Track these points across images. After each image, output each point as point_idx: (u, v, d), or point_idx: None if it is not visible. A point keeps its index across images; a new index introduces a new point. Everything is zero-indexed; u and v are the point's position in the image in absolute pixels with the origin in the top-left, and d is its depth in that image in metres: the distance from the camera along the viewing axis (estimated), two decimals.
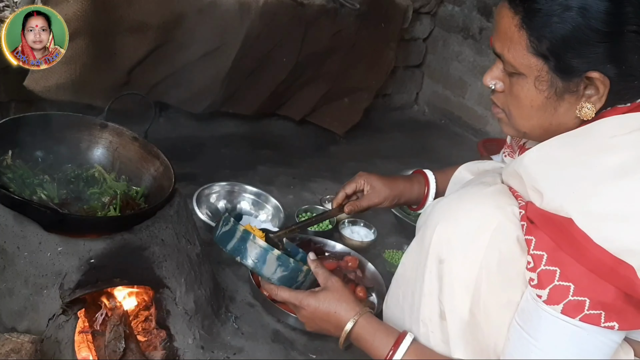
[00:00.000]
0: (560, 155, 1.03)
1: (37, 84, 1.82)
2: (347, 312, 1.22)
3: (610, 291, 0.94)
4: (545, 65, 1.01)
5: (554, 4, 0.97)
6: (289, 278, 1.30)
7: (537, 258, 1.00)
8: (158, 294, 1.39)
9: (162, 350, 1.38)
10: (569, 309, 0.96)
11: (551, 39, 0.98)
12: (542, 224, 1.00)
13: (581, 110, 1.02)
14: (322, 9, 2.29)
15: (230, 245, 1.31)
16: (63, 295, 1.24)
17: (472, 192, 1.14)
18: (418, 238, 1.19)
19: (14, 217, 1.24)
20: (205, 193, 1.98)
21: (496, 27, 1.06)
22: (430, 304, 1.14)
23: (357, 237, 1.98)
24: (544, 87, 1.03)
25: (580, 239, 0.94)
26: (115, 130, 1.56)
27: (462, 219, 1.10)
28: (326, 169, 2.43)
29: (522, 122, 1.10)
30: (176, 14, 1.96)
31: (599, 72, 0.98)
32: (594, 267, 0.94)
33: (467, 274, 1.07)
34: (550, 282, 0.97)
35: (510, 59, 1.04)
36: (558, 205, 0.97)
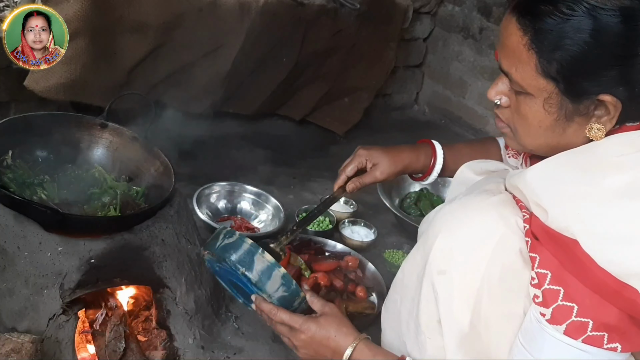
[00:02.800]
0: (565, 173, 1.00)
1: (37, 84, 1.82)
2: (346, 336, 1.20)
3: (613, 313, 0.93)
4: (555, 88, 0.98)
5: (566, 26, 0.93)
6: (287, 300, 1.28)
7: (542, 276, 0.98)
8: (158, 294, 1.39)
9: (163, 350, 1.38)
10: (571, 329, 0.95)
11: (562, 61, 0.95)
12: (547, 242, 0.98)
13: (590, 131, 0.99)
14: (322, 8, 2.29)
15: (235, 256, 1.28)
16: (63, 295, 1.24)
17: (475, 202, 1.11)
18: (419, 245, 1.17)
19: (14, 217, 1.25)
20: (206, 193, 1.98)
21: (503, 42, 1.02)
22: (428, 311, 1.12)
23: (357, 237, 1.98)
24: (553, 109, 1.00)
25: (585, 261, 0.92)
26: (116, 130, 1.56)
27: (464, 230, 1.07)
28: (326, 169, 2.42)
29: (528, 140, 1.08)
30: (176, 14, 1.96)
31: (611, 95, 0.95)
32: (598, 288, 0.92)
33: (468, 286, 1.05)
34: (554, 301, 0.96)
35: (518, 79, 1.00)
36: (563, 226, 0.95)
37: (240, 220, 1.95)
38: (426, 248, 1.12)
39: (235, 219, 1.95)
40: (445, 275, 1.08)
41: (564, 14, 0.92)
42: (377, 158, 1.49)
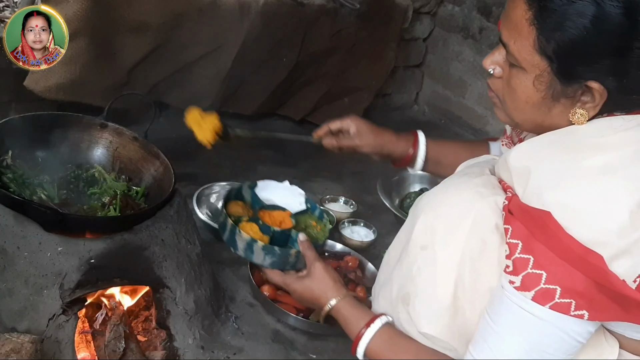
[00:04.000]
0: (549, 152, 1.03)
1: (37, 84, 1.82)
2: (326, 297, 1.31)
3: (581, 279, 0.95)
4: (548, 67, 1.00)
5: (570, 8, 0.95)
6: (280, 262, 1.41)
7: (513, 246, 1.01)
8: (158, 294, 1.39)
9: (162, 350, 1.38)
10: (539, 296, 0.98)
11: (560, 42, 0.97)
12: (519, 214, 1.01)
13: (574, 116, 1.03)
14: (322, 8, 2.29)
15: (224, 236, 1.45)
16: (63, 295, 1.24)
17: (456, 183, 1.16)
18: (404, 227, 1.22)
19: (14, 217, 1.24)
20: (206, 193, 1.98)
21: (507, 13, 1.04)
22: (406, 285, 1.16)
23: (357, 237, 1.98)
24: (542, 87, 1.03)
25: (554, 228, 0.95)
26: (116, 130, 1.56)
27: (443, 208, 1.12)
28: (326, 169, 2.43)
29: (515, 113, 1.11)
30: (176, 14, 1.96)
31: (599, 84, 0.98)
32: (565, 255, 0.95)
33: (449, 260, 1.09)
34: (524, 269, 0.99)
35: (515, 52, 1.03)
36: (536, 197, 0.99)
37: None
38: (409, 228, 1.17)
39: None
40: (427, 250, 1.12)
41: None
42: (361, 126, 1.59)
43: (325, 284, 1.33)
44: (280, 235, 1.47)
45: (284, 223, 1.53)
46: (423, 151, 1.58)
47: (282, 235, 1.47)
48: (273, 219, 1.53)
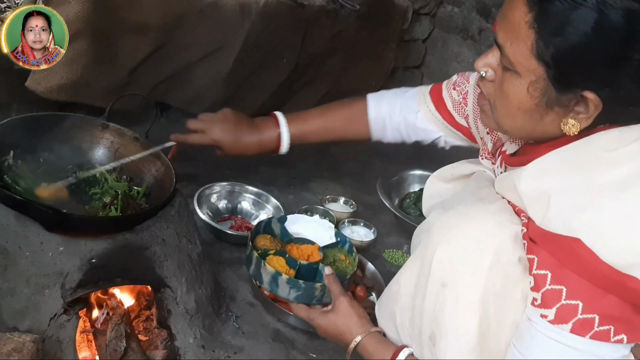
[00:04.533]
0: (562, 172, 0.99)
1: (38, 85, 1.83)
2: (351, 334, 1.28)
3: (617, 304, 0.93)
4: (545, 73, 0.96)
5: (572, 13, 0.91)
6: (306, 296, 1.40)
7: (541, 277, 0.97)
8: (159, 294, 1.40)
9: (163, 350, 1.38)
10: (578, 327, 0.94)
11: (559, 47, 0.93)
12: (544, 243, 0.97)
13: (565, 126, 0.99)
14: (322, 10, 2.30)
15: (250, 270, 1.45)
16: (64, 295, 1.24)
17: (472, 211, 1.10)
18: (416, 258, 1.17)
19: (15, 217, 1.25)
20: (206, 193, 1.98)
21: (505, 13, 1.00)
22: (429, 324, 1.12)
23: (357, 237, 1.98)
24: (536, 93, 0.99)
25: (587, 257, 0.92)
26: (117, 130, 1.56)
27: (462, 241, 1.07)
28: (326, 169, 2.43)
29: (505, 120, 1.07)
30: (177, 15, 1.97)
31: (595, 94, 0.94)
32: (601, 282, 0.92)
33: (472, 297, 1.05)
34: (557, 301, 0.95)
35: (510, 55, 0.99)
36: (561, 224, 0.95)
37: (240, 220, 1.96)
38: (425, 261, 1.12)
39: (235, 219, 1.96)
40: (448, 288, 1.07)
41: (574, 1, 0.90)
42: (222, 143, 1.62)
43: (350, 319, 1.29)
44: (307, 269, 1.45)
45: (312, 256, 1.51)
46: (286, 136, 1.61)
47: (309, 268, 1.45)
48: (301, 252, 1.52)
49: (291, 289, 1.37)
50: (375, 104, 1.61)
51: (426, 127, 1.56)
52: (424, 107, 1.54)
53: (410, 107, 1.56)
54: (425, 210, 1.49)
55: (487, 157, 1.33)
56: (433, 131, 1.56)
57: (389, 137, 1.64)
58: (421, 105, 1.55)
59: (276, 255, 1.47)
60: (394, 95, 1.61)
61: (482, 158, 1.35)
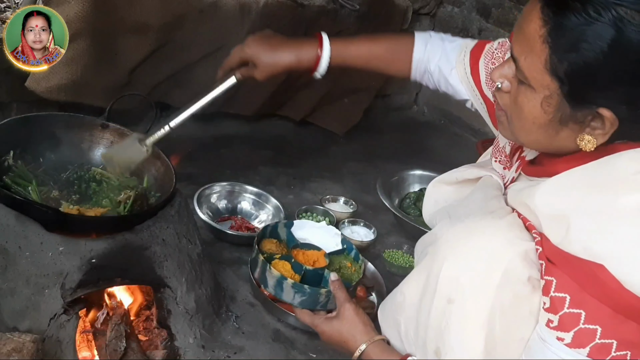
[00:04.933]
0: (580, 192, 0.97)
1: (38, 85, 1.83)
2: (355, 341, 1.26)
3: (635, 329, 0.91)
4: (559, 89, 0.94)
5: (588, 29, 0.88)
6: (310, 301, 1.39)
7: (559, 300, 0.95)
8: (159, 294, 1.40)
9: (163, 350, 1.38)
10: (595, 352, 0.92)
11: (573, 64, 0.90)
12: (563, 265, 0.95)
13: (582, 142, 0.96)
14: (322, 10, 2.30)
15: (256, 273, 1.42)
16: (64, 295, 1.24)
17: (481, 226, 1.07)
18: (422, 270, 1.14)
19: (15, 217, 1.25)
20: (206, 193, 1.98)
21: (521, 26, 0.98)
22: (434, 339, 1.11)
23: (357, 237, 1.98)
24: (550, 109, 0.96)
25: (610, 284, 0.90)
26: (117, 130, 1.56)
27: (471, 257, 1.04)
28: (326, 169, 2.43)
29: (521, 133, 1.05)
30: (177, 15, 1.97)
31: (611, 112, 0.91)
32: (622, 309, 0.91)
33: (479, 315, 1.03)
34: (575, 325, 0.93)
35: (525, 68, 0.97)
36: (582, 248, 0.93)
37: (240, 221, 1.96)
38: (432, 274, 1.10)
39: (235, 219, 1.96)
40: (455, 304, 1.06)
41: (589, 16, 0.88)
42: (258, 57, 1.50)
43: (354, 326, 1.28)
44: (313, 274, 1.45)
45: (318, 262, 1.51)
46: (327, 54, 1.50)
47: (315, 274, 1.45)
48: (307, 258, 1.51)
49: (296, 293, 1.37)
50: (421, 46, 1.53)
51: (457, 86, 1.49)
52: (461, 66, 1.47)
53: (449, 60, 1.49)
54: (427, 216, 1.45)
55: (502, 159, 1.30)
56: (463, 92, 1.50)
57: (425, 81, 1.57)
58: (459, 63, 1.48)
59: (282, 259, 1.47)
60: (440, 41, 1.53)
61: (496, 160, 1.31)
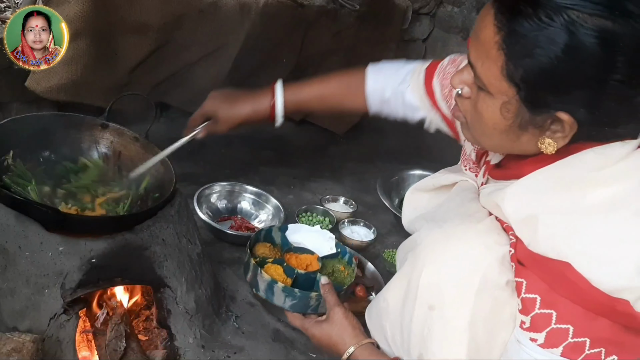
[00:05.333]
0: (545, 193, 0.98)
1: (38, 85, 1.83)
2: (344, 344, 1.26)
3: (607, 326, 0.92)
4: (516, 94, 0.94)
5: (540, 34, 0.88)
6: (301, 305, 1.38)
7: (530, 301, 0.96)
8: (159, 294, 1.39)
9: (163, 350, 1.38)
10: (569, 351, 0.93)
11: (528, 69, 0.90)
12: (533, 266, 0.96)
13: (542, 144, 0.97)
14: (322, 10, 2.30)
15: (247, 277, 1.44)
16: (64, 295, 1.24)
17: (460, 231, 1.08)
18: (402, 275, 1.16)
19: (15, 217, 1.25)
20: (206, 193, 1.98)
21: (476, 33, 0.97)
22: (418, 345, 1.12)
23: (356, 237, 1.98)
24: (509, 114, 0.96)
25: (577, 282, 0.91)
26: (117, 130, 1.56)
27: (449, 263, 1.05)
28: (326, 169, 2.43)
29: (482, 138, 1.05)
30: (177, 15, 1.97)
31: (569, 115, 0.91)
32: (591, 306, 0.92)
33: (460, 321, 1.04)
34: (547, 325, 0.94)
35: (482, 75, 0.96)
36: (550, 248, 0.94)
37: (240, 220, 1.96)
38: (412, 281, 1.11)
39: (235, 219, 1.96)
40: (436, 311, 1.07)
41: (542, 21, 0.88)
42: (217, 113, 1.60)
43: (343, 330, 1.28)
44: (305, 278, 1.44)
45: (311, 266, 1.50)
46: (280, 103, 1.57)
47: (307, 278, 1.44)
48: (300, 262, 1.51)
49: (286, 297, 1.37)
50: (373, 76, 1.55)
51: (414, 104, 1.50)
52: (416, 84, 1.48)
53: (404, 81, 1.51)
54: (406, 223, 1.46)
55: (470, 166, 1.30)
56: (419, 110, 1.51)
57: (384, 111, 1.58)
58: (414, 82, 1.49)
59: (274, 263, 1.47)
60: (393, 66, 1.55)
61: (466, 168, 1.31)
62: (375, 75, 1.55)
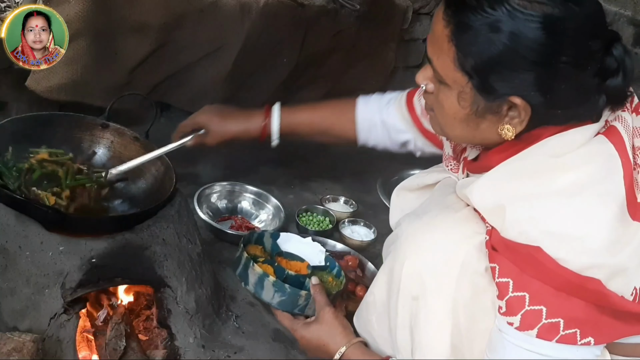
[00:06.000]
0: (511, 182, 1.01)
1: (38, 84, 1.83)
2: (335, 344, 1.27)
3: (581, 306, 0.94)
4: (469, 83, 0.98)
5: (485, 24, 0.93)
6: (289, 302, 1.38)
7: (503, 285, 0.98)
8: (159, 293, 1.40)
9: (163, 349, 1.38)
10: (544, 332, 0.95)
11: (477, 58, 0.95)
12: (504, 251, 0.98)
13: (502, 131, 1.01)
14: (322, 9, 2.30)
15: (238, 270, 1.43)
16: (65, 295, 1.25)
17: (439, 221, 1.11)
18: (386, 269, 1.19)
19: (15, 217, 1.25)
20: (206, 193, 1.98)
21: (432, 29, 1.03)
22: (404, 335, 1.14)
23: (357, 237, 1.98)
24: (466, 103, 1.01)
25: (546, 263, 0.93)
26: (117, 130, 1.56)
27: (430, 253, 1.08)
28: (326, 169, 2.43)
29: (446, 129, 1.10)
30: (177, 15, 1.97)
31: (522, 99, 0.95)
32: (563, 286, 0.93)
33: (442, 309, 1.06)
34: (521, 308, 0.96)
35: (438, 68, 1.02)
36: (518, 233, 0.96)
37: (240, 220, 1.96)
38: (395, 273, 1.13)
39: (235, 219, 1.96)
40: (419, 301, 1.09)
41: (485, 12, 0.92)
42: (209, 125, 1.63)
43: (334, 329, 1.29)
44: (294, 280, 1.45)
45: (300, 272, 1.52)
46: (276, 123, 1.63)
47: (296, 280, 1.45)
48: (289, 267, 1.52)
49: (276, 292, 1.37)
50: (364, 104, 1.62)
51: (398, 127, 1.57)
52: (399, 108, 1.56)
53: (389, 107, 1.59)
54: (393, 224, 1.49)
55: (452, 166, 1.33)
56: (404, 132, 1.58)
57: (372, 138, 1.66)
58: (397, 106, 1.57)
59: (265, 263, 1.48)
60: (382, 97, 1.63)
61: (448, 168, 1.34)
62: (365, 105, 1.62)
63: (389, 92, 1.65)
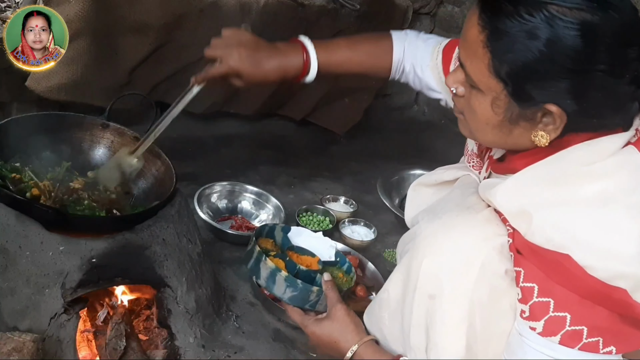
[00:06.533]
0: (538, 187, 1.00)
1: (38, 84, 1.83)
2: (347, 342, 1.26)
3: (604, 315, 0.93)
4: (504, 90, 0.97)
5: (522, 30, 0.91)
6: (300, 298, 1.38)
7: (528, 290, 0.98)
8: (159, 293, 1.40)
9: (164, 349, 1.38)
10: (566, 339, 0.95)
11: (512, 65, 0.94)
12: (530, 256, 0.98)
13: (536, 137, 0.99)
14: (322, 9, 2.30)
15: (249, 265, 1.43)
16: (65, 295, 1.25)
17: (458, 222, 1.10)
18: (403, 268, 1.17)
19: (16, 217, 1.25)
20: (206, 193, 1.98)
21: (464, 33, 1.01)
22: (418, 334, 1.13)
23: (357, 237, 1.98)
24: (500, 110, 0.99)
25: (574, 271, 0.92)
26: (117, 130, 1.56)
27: (448, 253, 1.07)
28: (326, 169, 2.43)
29: (477, 134, 1.08)
30: (177, 15, 1.97)
31: (557, 107, 0.94)
32: (588, 294, 0.93)
33: (458, 310, 1.06)
34: (545, 313, 0.96)
35: (471, 73, 1.00)
36: (545, 239, 0.95)
37: (240, 220, 1.96)
38: (412, 271, 1.12)
39: (235, 219, 1.96)
40: (436, 300, 1.08)
41: (522, 18, 0.91)
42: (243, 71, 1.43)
43: (346, 327, 1.28)
44: (305, 275, 1.44)
45: (311, 267, 1.52)
46: (314, 61, 1.47)
47: (307, 275, 1.44)
48: (300, 261, 1.52)
49: (287, 287, 1.36)
50: (399, 46, 1.53)
51: (430, 85, 1.52)
52: (434, 64, 1.49)
53: (423, 58, 1.50)
54: (409, 220, 1.47)
55: (474, 162, 1.32)
56: (436, 90, 1.53)
57: (403, 79, 1.59)
58: (432, 61, 1.49)
59: (276, 257, 1.47)
60: (416, 40, 1.53)
61: (470, 165, 1.33)
62: (400, 47, 1.52)
63: (422, 36, 1.54)
